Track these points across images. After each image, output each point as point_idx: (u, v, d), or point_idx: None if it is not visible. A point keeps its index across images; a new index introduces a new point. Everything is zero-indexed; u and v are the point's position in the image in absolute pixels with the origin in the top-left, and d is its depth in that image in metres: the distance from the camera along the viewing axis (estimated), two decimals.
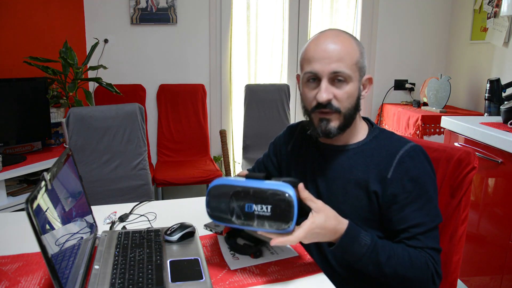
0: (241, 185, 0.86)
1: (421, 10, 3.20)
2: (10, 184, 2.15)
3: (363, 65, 0.99)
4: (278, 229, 0.83)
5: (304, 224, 0.83)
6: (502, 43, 2.59)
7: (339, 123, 0.98)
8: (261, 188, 0.84)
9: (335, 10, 3.19)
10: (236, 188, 0.86)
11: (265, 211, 0.83)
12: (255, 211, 0.84)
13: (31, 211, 0.66)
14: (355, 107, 0.98)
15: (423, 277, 0.90)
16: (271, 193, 0.83)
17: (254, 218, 0.84)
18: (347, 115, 0.97)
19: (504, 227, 1.78)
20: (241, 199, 0.85)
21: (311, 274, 0.92)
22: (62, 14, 2.70)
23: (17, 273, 0.92)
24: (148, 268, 0.90)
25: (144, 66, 2.97)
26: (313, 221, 0.83)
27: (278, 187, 0.83)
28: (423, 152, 0.98)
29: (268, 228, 0.83)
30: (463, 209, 1.08)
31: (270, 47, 3.16)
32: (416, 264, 0.89)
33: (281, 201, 0.82)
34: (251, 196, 0.84)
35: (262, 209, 0.83)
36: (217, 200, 0.88)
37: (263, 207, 0.83)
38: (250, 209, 0.84)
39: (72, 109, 1.89)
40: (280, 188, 0.82)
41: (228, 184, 0.88)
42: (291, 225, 0.81)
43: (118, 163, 1.96)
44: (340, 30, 1.00)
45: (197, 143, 3.05)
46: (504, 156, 1.77)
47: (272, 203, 0.82)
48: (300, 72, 1.02)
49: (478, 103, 2.89)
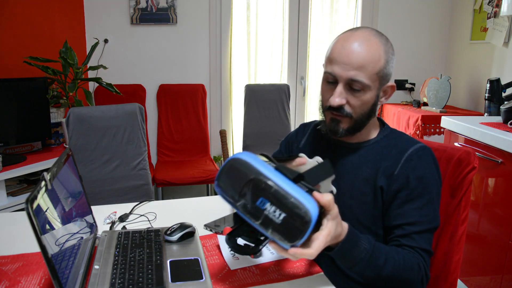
0: (266, 175, 0.72)
1: (421, 10, 3.20)
2: (10, 184, 2.15)
3: (387, 73, 0.95)
4: (278, 240, 0.71)
5: (320, 235, 0.73)
6: (502, 43, 2.59)
7: (349, 126, 0.98)
8: (285, 190, 0.70)
9: (335, 10, 3.19)
10: (260, 176, 0.72)
11: (277, 217, 0.71)
12: (266, 210, 0.71)
13: (31, 211, 0.65)
14: (368, 113, 0.97)
15: (415, 279, 0.90)
16: (292, 202, 0.69)
17: (260, 217, 0.72)
18: (359, 120, 0.97)
19: (504, 227, 1.78)
20: (259, 190, 0.72)
21: (311, 274, 0.92)
22: (62, 14, 2.70)
23: (17, 273, 0.92)
24: (148, 268, 0.90)
25: (144, 66, 2.97)
26: (329, 233, 0.73)
27: (303, 199, 0.69)
28: (432, 155, 0.98)
29: (269, 233, 0.72)
30: (463, 209, 1.08)
31: (270, 47, 3.16)
32: (409, 266, 0.89)
33: (297, 217, 0.69)
34: (270, 193, 0.71)
35: (274, 213, 0.71)
36: (233, 174, 0.75)
37: (276, 212, 0.70)
38: (262, 205, 0.72)
39: (72, 109, 1.89)
40: (304, 203, 0.69)
41: (254, 165, 0.74)
42: (296, 243, 0.70)
43: (118, 163, 1.96)
44: (373, 32, 0.95)
45: (197, 143, 3.05)
46: (504, 156, 1.77)
47: (288, 213, 0.69)
48: (324, 66, 1.00)
49: (478, 103, 2.89)
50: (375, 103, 0.97)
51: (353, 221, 1.01)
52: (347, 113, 0.95)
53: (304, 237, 0.69)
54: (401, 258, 0.88)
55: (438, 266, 1.11)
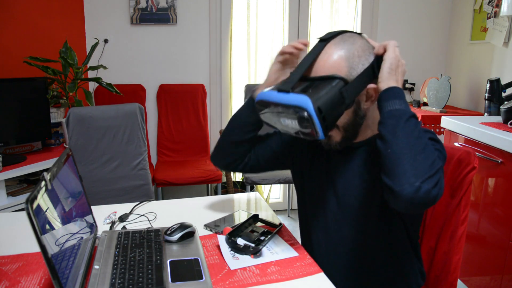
0: (271, 101, 0.88)
1: (421, 10, 3.20)
2: (10, 184, 2.15)
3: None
4: (307, 138, 0.87)
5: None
6: (502, 43, 2.59)
7: (341, 137, 0.97)
8: (284, 103, 0.85)
9: (335, 10, 3.19)
10: (270, 105, 0.89)
11: (295, 125, 0.86)
12: (290, 125, 0.87)
13: (31, 211, 0.65)
14: (354, 120, 0.95)
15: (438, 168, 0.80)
16: (292, 109, 0.83)
17: (290, 130, 0.89)
18: (348, 129, 0.96)
19: (504, 227, 1.78)
20: (275, 116, 0.89)
21: (311, 274, 0.92)
22: (62, 14, 2.70)
23: (17, 273, 0.92)
24: (148, 268, 0.90)
25: (144, 66, 2.97)
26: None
27: (296, 102, 0.82)
28: (436, 135, 0.98)
29: (303, 137, 0.87)
30: (463, 209, 1.08)
31: (270, 47, 3.16)
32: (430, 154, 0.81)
33: (301, 118, 0.82)
34: (279, 112, 0.87)
35: (293, 124, 0.86)
36: (262, 109, 0.93)
37: (293, 122, 0.86)
38: (285, 123, 0.88)
39: (72, 109, 1.89)
40: (299, 103, 0.82)
41: (266, 100, 0.89)
42: (320, 134, 0.83)
43: (118, 163, 1.96)
44: (337, 42, 0.93)
45: (197, 143, 3.05)
46: (504, 156, 1.77)
47: (298, 119, 0.84)
48: None
49: (478, 103, 2.89)
50: (356, 110, 0.94)
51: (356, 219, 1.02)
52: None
53: (318, 125, 0.81)
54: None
55: (438, 266, 1.12)
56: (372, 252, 1.02)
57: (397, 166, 0.78)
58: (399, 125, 0.81)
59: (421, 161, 0.78)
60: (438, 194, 0.78)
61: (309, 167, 1.11)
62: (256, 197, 1.44)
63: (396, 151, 0.79)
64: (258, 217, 1.19)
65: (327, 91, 0.84)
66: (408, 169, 0.77)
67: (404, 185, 0.76)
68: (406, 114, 0.83)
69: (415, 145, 0.79)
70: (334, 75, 0.88)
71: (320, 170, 1.08)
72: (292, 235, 1.11)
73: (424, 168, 0.77)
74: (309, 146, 1.12)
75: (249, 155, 1.15)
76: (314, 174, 1.10)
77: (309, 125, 0.82)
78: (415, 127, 0.82)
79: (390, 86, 0.87)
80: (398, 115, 0.83)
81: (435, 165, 0.79)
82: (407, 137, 0.80)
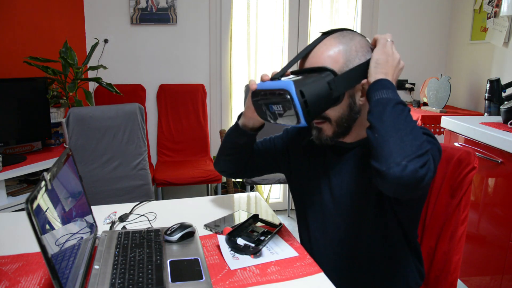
0: (261, 89, 0.91)
1: (421, 10, 3.20)
2: (10, 184, 2.15)
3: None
4: (291, 125, 0.87)
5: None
6: (502, 43, 2.59)
7: (333, 131, 0.97)
8: (270, 88, 0.88)
9: (335, 10, 3.19)
10: (261, 93, 0.91)
11: (280, 110, 0.87)
12: (276, 111, 0.89)
13: (31, 211, 0.65)
14: (348, 115, 0.95)
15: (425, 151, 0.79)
16: (277, 93, 0.85)
17: (277, 117, 0.89)
18: (340, 123, 0.96)
19: (504, 227, 1.78)
20: (265, 100, 0.91)
21: (311, 274, 0.92)
22: (62, 14, 2.70)
23: (17, 273, 0.92)
24: (148, 268, 0.90)
25: (144, 66, 2.97)
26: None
27: (280, 85, 0.85)
28: (430, 131, 0.96)
29: (288, 123, 0.87)
30: (463, 209, 1.08)
31: (270, 47, 3.16)
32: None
33: (284, 101, 0.84)
34: (267, 98, 0.89)
35: (278, 109, 0.87)
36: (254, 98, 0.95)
37: (278, 107, 0.87)
38: (272, 109, 0.90)
39: (72, 109, 1.89)
40: (282, 86, 0.84)
41: (260, 88, 0.92)
42: (301, 120, 0.83)
43: (118, 163, 1.96)
44: (337, 36, 0.94)
45: (197, 143, 3.05)
46: (504, 156, 1.77)
47: (281, 103, 0.85)
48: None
49: (478, 103, 2.89)
50: (350, 104, 0.94)
51: (352, 219, 1.02)
52: (324, 117, 0.95)
53: (298, 109, 0.82)
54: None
55: (438, 266, 1.12)
56: (368, 251, 1.03)
57: (384, 148, 0.78)
58: (385, 111, 0.82)
59: (408, 142, 0.78)
60: (427, 175, 0.77)
61: (307, 168, 1.11)
62: (256, 197, 1.45)
63: (382, 134, 0.80)
64: (258, 217, 1.19)
65: (314, 79, 0.87)
66: (394, 150, 0.77)
67: (391, 164, 0.76)
68: (393, 101, 0.83)
69: (401, 128, 0.79)
70: (325, 67, 0.90)
71: (317, 171, 1.08)
72: (292, 235, 1.11)
73: (411, 148, 0.77)
74: (305, 149, 1.13)
75: (246, 165, 1.19)
76: (311, 175, 1.10)
77: (291, 109, 0.83)
78: (402, 112, 0.82)
79: (378, 79, 0.87)
80: (385, 102, 0.83)
81: (423, 147, 0.78)
82: (393, 120, 0.80)
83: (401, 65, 0.93)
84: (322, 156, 1.08)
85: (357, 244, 1.03)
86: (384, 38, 0.92)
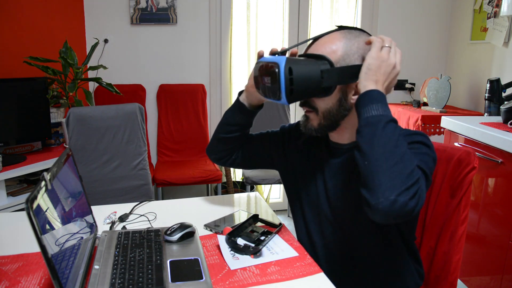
0: (261, 60, 0.95)
1: (421, 10, 3.20)
2: (10, 184, 2.15)
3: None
4: (274, 99, 0.90)
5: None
6: (502, 43, 2.59)
7: (318, 122, 0.97)
8: (267, 61, 0.91)
9: (335, 10, 3.19)
10: (259, 62, 0.96)
11: (269, 82, 0.90)
12: (266, 83, 0.92)
13: (31, 211, 0.65)
14: (337, 109, 0.94)
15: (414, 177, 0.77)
16: (269, 65, 0.89)
17: (266, 90, 0.93)
18: (327, 116, 0.95)
19: (504, 227, 1.78)
20: (261, 72, 0.94)
21: (311, 274, 0.92)
22: (62, 14, 2.70)
23: (17, 273, 0.92)
24: (148, 268, 0.90)
25: (144, 66, 2.97)
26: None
27: (275, 59, 0.87)
28: (427, 137, 0.95)
29: (272, 97, 0.90)
30: (463, 209, 1.08)
31: (270, 47, 3.15)
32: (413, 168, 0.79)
33: (273, 73, 0.87)
34: (263, 69, 0.93)
35: (268, 81, 0.90)
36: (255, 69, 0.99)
37: (268, 79, 0.90)
38: (264, 81, 0.93)
39: (72, 109, 1.89)
40: (276, 60, 0.87)
41: (260, 60, 0.96)
42: (282, 96, 0.86)
43: (118, 163, 1.96)
44: (342, 31, 0.95)
45: (197, 143, 3.05)
46: (504, 156, 1.77)
47: (270, 75, 0.89)
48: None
49: (478, 103, 2.89)
50: (341, 99, 0.93)
51: (348, 221, 1.02)
52: (312, 106, 0.96)
53: (282, 85, 0.84)
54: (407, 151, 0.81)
55: (438, 266, 1.12)
56: (365, 254, 1.03)
57: (373, 179, 0.77)
58: (376, 134, 0.79)
59: (398, 172, 0.76)
60: (417, 206, 0.76)
61: (302, 168, 1.12)
62: (256, 197, 1.45)
63: (372, 162, 0.78)
64: (258, 217, 1.19)
65: (308, 63, 0.89)
66: (383, 181, 0.76)
67: (380, 199, 0.75)
68: (383, 120, 0.80)
69: (392, 155, 0.77)
70: (324, 56, 0.91)
71: (313, 171, 1.09)
72: (292, 235, 1.11)
73: (400, 179, 0.75)
74: (301, 148, 1.13)
75: (237, 153, 1.21)
76: (307, 175, 1.10)
77: (276, 83, 0.86)
78: (393, 134, 0.79)
79: (367, 90, 0.84)
80: (375, 122, 0.81)
81: (413, 176, 0.77)
82: (384, 147, 0.78)
83: (396, 71, 0.90)
84: (318, 157, 1.08)
85: (353, 247, 1.03)
86: (380, 42, 0.89)
